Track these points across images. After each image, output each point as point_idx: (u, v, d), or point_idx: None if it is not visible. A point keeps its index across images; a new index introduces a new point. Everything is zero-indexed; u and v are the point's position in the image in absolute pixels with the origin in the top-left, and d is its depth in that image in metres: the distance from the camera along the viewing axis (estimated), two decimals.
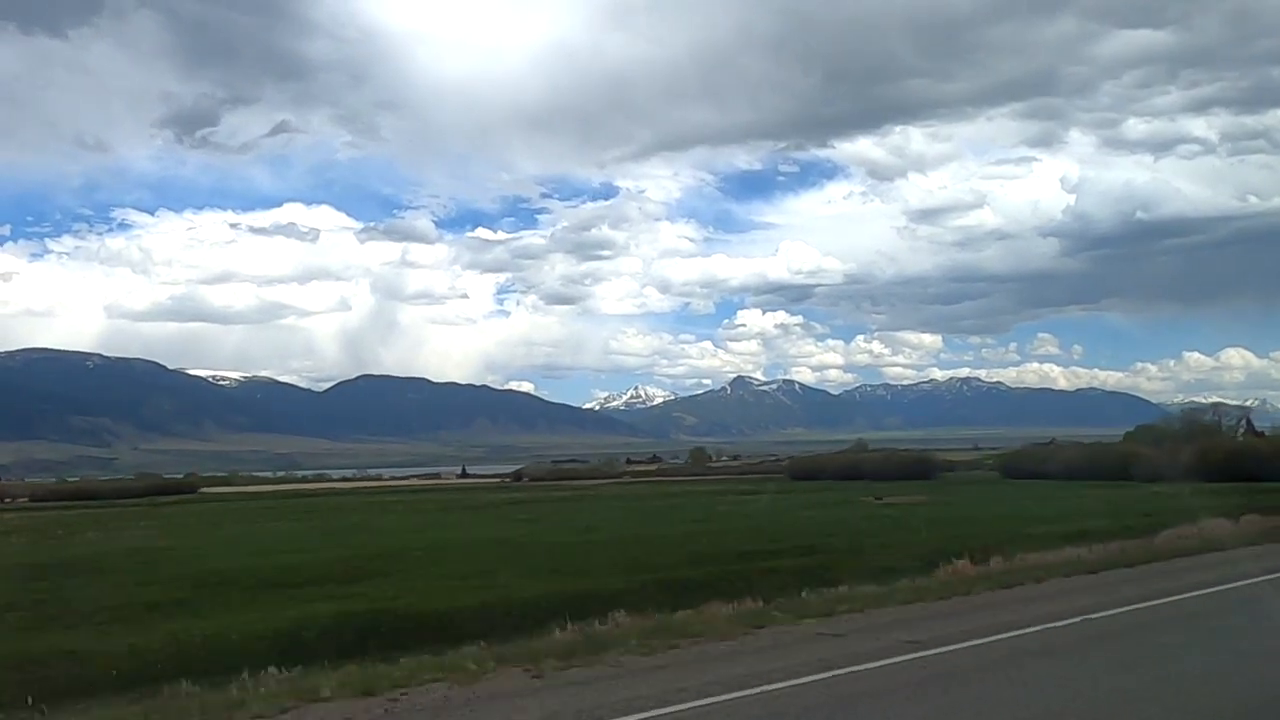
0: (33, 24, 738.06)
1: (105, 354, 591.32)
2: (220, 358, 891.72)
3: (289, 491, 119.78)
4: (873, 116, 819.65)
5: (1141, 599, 14.02)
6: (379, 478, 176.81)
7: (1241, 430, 61.79)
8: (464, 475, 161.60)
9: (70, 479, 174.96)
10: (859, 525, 36.97)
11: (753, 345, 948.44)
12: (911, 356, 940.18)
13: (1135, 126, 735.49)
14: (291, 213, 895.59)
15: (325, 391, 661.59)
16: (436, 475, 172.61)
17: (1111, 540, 22.21)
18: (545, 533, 39.90)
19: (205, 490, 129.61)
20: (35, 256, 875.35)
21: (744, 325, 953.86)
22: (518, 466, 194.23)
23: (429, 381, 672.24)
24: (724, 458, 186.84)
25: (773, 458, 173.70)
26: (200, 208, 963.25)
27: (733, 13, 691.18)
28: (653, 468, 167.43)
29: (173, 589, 24.14)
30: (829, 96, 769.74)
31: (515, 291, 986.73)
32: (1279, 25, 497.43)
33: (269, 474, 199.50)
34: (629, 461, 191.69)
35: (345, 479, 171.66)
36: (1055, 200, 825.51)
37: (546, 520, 49.54)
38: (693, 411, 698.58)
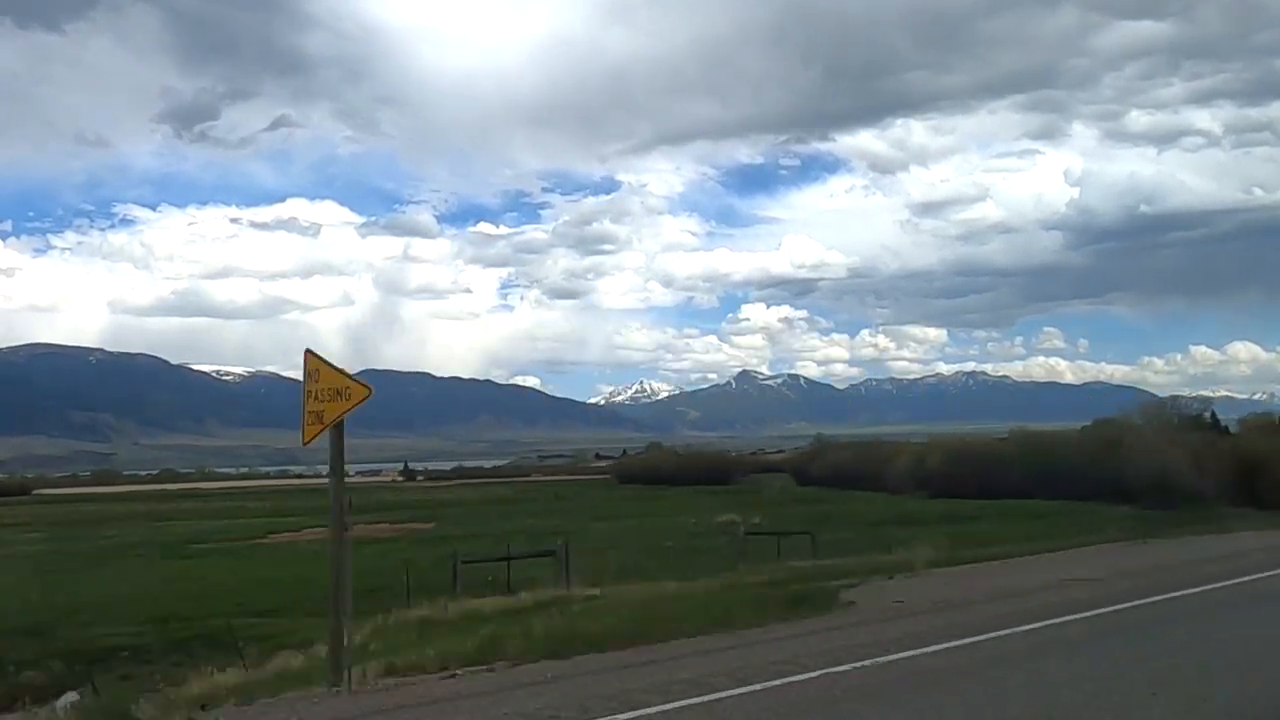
0: (29, 19, 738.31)
1: (108, 349, 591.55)
2: (224, 353, 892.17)
3: (117, 495, 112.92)
4: (873, 109, 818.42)
5: None
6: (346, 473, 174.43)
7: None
8: (405, 472, 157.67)
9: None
10: None
11: (757, 340, 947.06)
12: (917, 351, 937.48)
13: (1138, 119, 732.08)
14: (293, 208, 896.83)
15: None
16: (377, 473, 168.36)
17: None
18: None
19: (39, 492, 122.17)
20: (38, 252, 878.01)
21: (748, 319, 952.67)
22: (508, 462, 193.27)
23: (432, 376, 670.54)
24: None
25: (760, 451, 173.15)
26: (203, 203, 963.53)
27: (731, 6, 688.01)
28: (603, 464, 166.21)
29: None
30: (829, 89, 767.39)
31: (518, 286, 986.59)
32: None
33: (231, 470, 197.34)
34: (597, 456, 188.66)
35: (299, 475, 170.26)
36: (1058, 193, 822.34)
37: None
38: (696, 406, 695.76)
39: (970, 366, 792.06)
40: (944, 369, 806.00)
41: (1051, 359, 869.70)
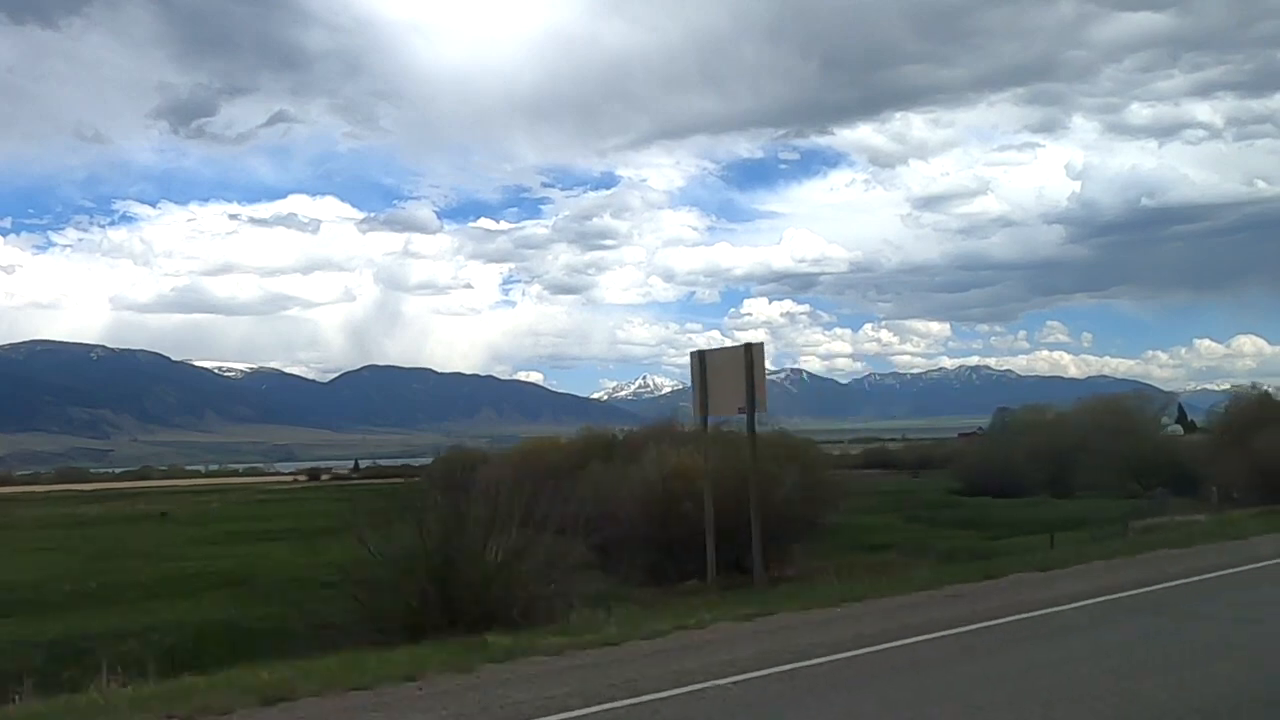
0: (24, 14, 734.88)
1: (110, 345, 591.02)
2: (226, 349, 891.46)
3: None
4: (872, 103, 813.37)
5: None
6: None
7: (1168, 422, 49.02)
8: (355, 469, 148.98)
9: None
10: None
11: (760, 334, 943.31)
12: (920, 345, 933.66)
13: (1139, 111, 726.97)
14: (292, 204, 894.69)
15: (330, 382, 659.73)
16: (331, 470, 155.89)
17: None
18: None
19: None
20: (39, 249, 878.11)
21: (750, 314, 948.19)
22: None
23: (434, 372, 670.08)
24: None
25: None
26: (204, 199, 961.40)
27: None
28: None
29: None
30: (828, 83, 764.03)
31: (520, 282, 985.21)
32: None
33: (200, 469, 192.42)
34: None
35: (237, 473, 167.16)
36: (1060, 187, 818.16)
37: None
38: None
39: (974, 360, 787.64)
40: (947, 363, 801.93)
41: (1055, 353, 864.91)
